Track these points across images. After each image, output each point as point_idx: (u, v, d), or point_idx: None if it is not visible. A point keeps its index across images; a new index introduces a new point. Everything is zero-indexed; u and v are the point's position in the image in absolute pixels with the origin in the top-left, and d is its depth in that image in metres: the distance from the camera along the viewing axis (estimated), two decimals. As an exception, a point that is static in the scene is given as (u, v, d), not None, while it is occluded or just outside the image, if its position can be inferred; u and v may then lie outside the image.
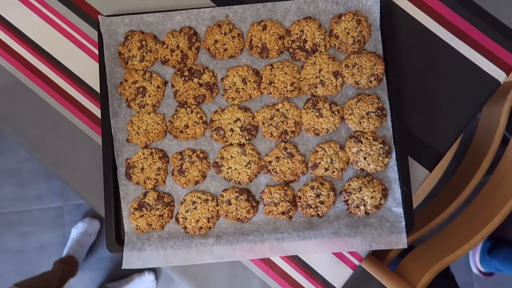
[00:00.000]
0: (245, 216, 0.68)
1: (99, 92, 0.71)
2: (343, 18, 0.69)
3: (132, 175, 0.68)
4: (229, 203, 0.68)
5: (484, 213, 0.79)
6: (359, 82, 0.69)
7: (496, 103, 0.86)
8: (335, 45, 0.70)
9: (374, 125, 0.68)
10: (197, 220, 0.68)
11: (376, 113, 0.68)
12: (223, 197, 0.68)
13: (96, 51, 0.73)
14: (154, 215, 0.68)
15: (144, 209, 0.68)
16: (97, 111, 0.73)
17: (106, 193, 0.68)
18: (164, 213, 0.68)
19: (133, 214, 0.68)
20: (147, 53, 0.70)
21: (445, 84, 0.72)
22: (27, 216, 1.64)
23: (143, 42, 0.69)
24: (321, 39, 0.69)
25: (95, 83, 0.73)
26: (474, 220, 0.81)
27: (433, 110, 0.72)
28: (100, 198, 0.69)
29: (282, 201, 0.67)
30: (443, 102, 0.72)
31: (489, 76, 0.72)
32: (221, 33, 0.69)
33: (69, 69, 0.74)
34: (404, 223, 0.66)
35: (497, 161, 0.88)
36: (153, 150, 0.69)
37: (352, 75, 0.69)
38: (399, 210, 0.67)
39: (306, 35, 0.69)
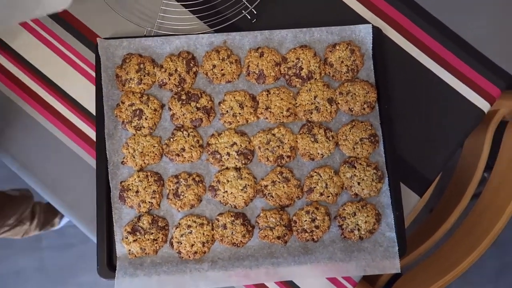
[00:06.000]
0: (241, 241, 0.67)
1: (94, 114, 0.70)
2: (337, 47, 0.72)
3: (126, 198, 0.67)
4: (225, 227, 0.67)
5: (472, 238, 0.81)
6: (352, 109, 0.71)
7: (479, 131, 0.90)
8: (329, 73, 0.72)
9: (367, 151, 0.70)
10: (192, 245, 0.67)
11: (369, 140, 0.70)
12: (218, 221, 0.68)
13: (93, 73, 0.73)
14: (148, 239, 0.66)
15: (138, 233, 0.66)
16: (91, 133, 0.72)
17: (99, 217, 0.67)
18: (158, 237, 0.67)
19: (127, 238, 0.66)
20: (144, 76, 0.70)
21: (433, 113, 0.75)
22: (3, 239, 1.57)
23: (141, 65, 0.70)
24: (316, 67, 0.71)
25: (90, 105, 0.73)
26: (462, 245, 0.83)
27: (422, 137, 0.75)
28: (92, 221, 0.68)
29: (277, 225, 0.67)
30: (432, 130, 0.75)
31: (474, 106, 0.75)
32: (219, 59, 0.71)
33: (64, 90, 0.74)
34: (397, 248, 0.68)
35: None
36: (149, 173, 0.68)
37: (346, 102, 0.71)
38: (392, 235, 0.68)
39: (302, 63, 0.71)
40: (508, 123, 0.86)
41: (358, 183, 0.69)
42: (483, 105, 0.75)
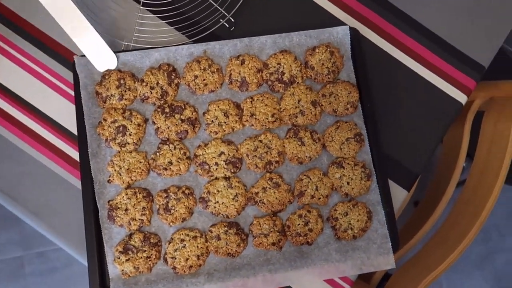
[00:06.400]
0: (236, 250, 0.67)
1: (76, 134, 0.69)
2: (317, 50, 0.72)
3: (115, 217, 0.66)
4: (219, 238, 0.66)
5: (459, 228, 0.83)
6: (336, 110, 0.72)
7: (458, 123, 0.92)
8: (311, 76, 0.73)
9: (354, 150, 0.71)
10: (187, 259, 0.66)
11: (355, 139, 0.71)
12: (212, 232, 0.67)
13: (72, 93, 0.71)
14: (141, 258, 0.65)
15: (130, 252, 0.65)
16: (74, 154, 0.70)
17: (88, 239, 0.65)
18: (151, 254, 0.65)
19: (119, 258, 0.65)
20: (126, 91, 0.69)
21: (414, 108, 0.77)
22: (-18, 270, 1.51)
23: (121, 81, 0.69)
24: (297, 70, 0.72)
25: (71, 125, 0.71)
26: (450, 236, 0.85)
27: (405, 132, 0.76)
28: (81, 244, 0.66)
29: (271, 231, 0.67)
30: (414, 125, 0.76)
31: (452, 98, 0.77)
32: (201, 69, 0.70)
33: (43, 112, 0.72)
34: (390, 244, 0.68)
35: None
36: (137, 190, 0.67)
37: (330, 103, 0.72)
38: (385, 231, 0.69)
39: (283, 68, 0.72)
40: (485, 112, 0.89)
41: (348, 183, 0.69)
42: (461, 97, 0.77)
